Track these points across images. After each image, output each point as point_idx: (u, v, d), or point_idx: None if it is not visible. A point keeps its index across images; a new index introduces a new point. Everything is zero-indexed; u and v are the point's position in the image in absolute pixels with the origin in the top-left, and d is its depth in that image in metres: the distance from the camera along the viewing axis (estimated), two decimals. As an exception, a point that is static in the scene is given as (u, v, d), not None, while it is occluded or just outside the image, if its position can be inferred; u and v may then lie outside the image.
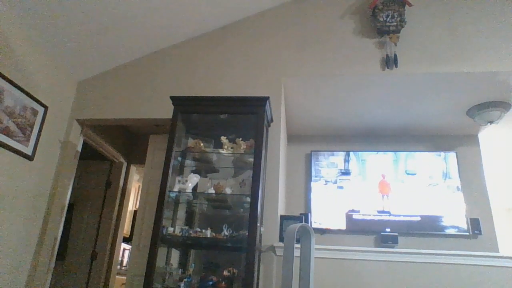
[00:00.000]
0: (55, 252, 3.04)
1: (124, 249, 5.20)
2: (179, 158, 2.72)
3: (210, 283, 2.34)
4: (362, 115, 3.54)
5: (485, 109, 3.18)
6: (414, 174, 3.55)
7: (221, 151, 2.67)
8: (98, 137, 3.83)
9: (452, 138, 3.75)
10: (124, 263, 5.28)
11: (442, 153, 3.59)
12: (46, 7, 2.62)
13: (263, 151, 2.56)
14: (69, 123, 3.23)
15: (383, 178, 3.57)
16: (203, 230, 2.42)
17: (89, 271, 3.95)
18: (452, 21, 3.03)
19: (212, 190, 2.54)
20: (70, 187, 3.22)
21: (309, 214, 3.51)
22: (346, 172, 3.66)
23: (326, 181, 3.66)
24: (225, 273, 2.38)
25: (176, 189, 2.54)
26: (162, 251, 2.50)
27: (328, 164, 3.71)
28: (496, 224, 3.45)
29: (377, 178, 3.59)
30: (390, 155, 3.65)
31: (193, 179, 2.59)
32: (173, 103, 2.69)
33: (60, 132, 3.16)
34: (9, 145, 2.58)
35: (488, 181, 3.60)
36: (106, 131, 4.00)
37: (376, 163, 3.64)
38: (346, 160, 3.69)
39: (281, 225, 2.73)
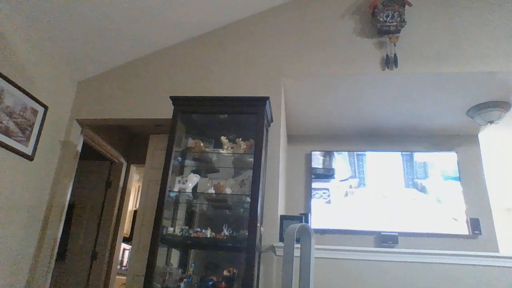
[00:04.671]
0: (55, 252, 3.04)
1: (124, 249, 5.19)
2: (179, 158, 2.72)
3: (210, 283, 2.34)
4: (362, 115, 3.54)
5: (485, 109, 3.18)
6: (414, 174, 3.55)
7: (221, 151, 2.68)
8: (98, 137, 3.83)
9: (452, 138, 3.75)
10: (124, 263, 5.27)
11: (442, 153, 3.59)
12: (46, 7, 2.62)
13: (263, 151, 2.56)
14: (69, 123, 3.23)
15: (382, 178, 3.57)
16: (203, 230, 2.42)
17: (89, 271, 3.95)
18: (452, 21, 3.03)
19: (212, 190, 2.54)
20: (70, 187, 3.22)
21: (309, 214, 3.51)
22: (345, 172, 3.66)
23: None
24: (225, 273, 2.38)
25: (176, 189, 2.54)
26: (162, 251, 2.50)
27: (328, 164, 3.72)
28: (496, 224, 3.45)
29: (376, 178, 3.58)
30: (389, 155, 3.65)
31: (193, 179, 2.59)
32: (173, 103, 2.69)
33: (60, 132, 3.16)
34: (9, 145, 2.58)
35: (488, 181, 3.59)
36: (106, 131, 4.00)
37: (376, 163, 3.64)
38: (346, 160, 3.69)
39: (281, 225, 2.73)
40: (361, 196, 3.57)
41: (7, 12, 2.57)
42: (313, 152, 3.78)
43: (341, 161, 3.74)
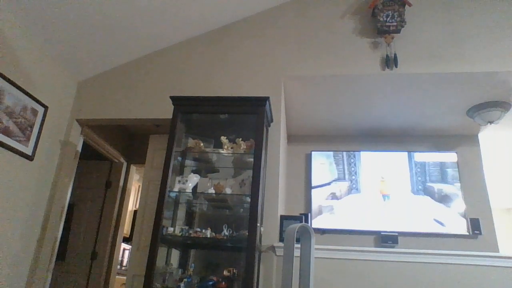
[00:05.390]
0: (55, 252, 3.04)
1: (124, 249, 5.19)
2: (179, 158, 2.72)
3: (210, 283, 2.34)
4: (362, 115, 3.54)
5: (485, 109, 3.18)
6: (414, 174, 3.55)
7: (221, 151, 2.67)
8: (98, 137, 3.83)
9: (452, 138, 3.75)
10: (124, 263, 5.27)
11: (442, 153, 3.59)
12: (46, 7, 2.61)
13: (263, 151, 2.56)
14: (69, 123, 3.23)
15: (383, 179, 3.57)
16: (203, 230, 2.42)
17: (89, 271, 3.95)
18: (452, 21, 3.03)
19: (212, 190, 2.54)
20: (70, 187, 3.22)
21: (309, 214, 3.51)
22: (346, 172, 3.66)
23: (326, 181, 3.65)
24: (225, 273, 2.38)
25: (176, 189, 2.54)
26: (162, 251, 2.50)
27: (328, 164, 3.71)
28: (496, 224, 3.45)
29: (377, 179, 3.58)
30: (390, 155, 3.65)
31: (193, 179, 2.59)
32: (173, 103, 2.69)
33: (60, 132, 3.16)
34: (9, 145, 2.58)
35: (488, 181, 3.59)
36: (106, 131, 4.00)
37: (376, 163, 3.63)
38: (346, 160, 3.69)
39: (281, 225, 2.73)
40: (361, 195, 3.56)
41: (7, 12, 2.57)
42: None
43: (341, 160, 3.72)
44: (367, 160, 3.65)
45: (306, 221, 3.00)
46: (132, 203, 5.31)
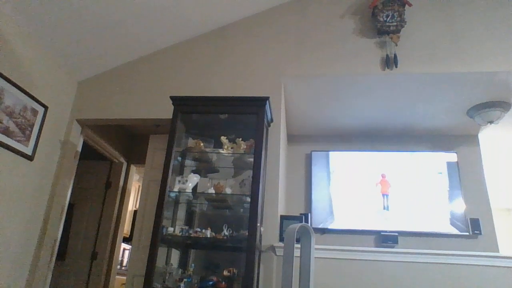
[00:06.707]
0: (55, 252, 3.04)
1: (124, 249, 5.19)
2: (179, 158, 2.72)
3: (210, 283, 2.34)
4: (362, 115, 3.54)
5: (485, 109, 3.18)
6: (414, 174, 3.55)
7: (221, 151, 2.68)
8: (98, 137, 3.83)
9: (452, 138, 3.75)
10: (124, 263, 5.27)
11: (442, 153, 3.59)
12: (46, 7, 2.61)
13: (263, 151, 2.56)
14: (69, 123, 3.23)
15: (383, 178, 3.57)
16: (203, 230, 2.42)
17: (89, 271, 3.95)
18: (452, 21, 3.03)
19: (212, 190, 2.54)
20: (70, 187, 3.22)
21: (309, 214, 3.51)
22: (346, 172, 3.66)
23: (326, 181, 3.65)
24: (225, 273, 2.38)
25: (176, 189, 2.54)
26: (162, 251, 2.50)
27: (328, 164, 3.71)
28: (496, 224, 3.45)
29: (377, 178, 3.58)
30: (390, 155, 3.64)
31: (193, 179, 2.59)
32: (173, 103, 2.69)
33: (60, 132, 3.16)
34: (9, 145, 2.58)
35: (488, 181, 3.59)
36: (106, 131, 4.00)
37: (376, 163, 3.63)
38: (346, 160, 3.69)
39: (281, 225, 2.73)
40: (362, 195, 3.55)
41: (7, 12, 2.57)
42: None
43: (341, 160, 3.73)
44: (367, 160, 3.65)
45: (306, 221, 3.00)
46: (132, 203, 5.31)
